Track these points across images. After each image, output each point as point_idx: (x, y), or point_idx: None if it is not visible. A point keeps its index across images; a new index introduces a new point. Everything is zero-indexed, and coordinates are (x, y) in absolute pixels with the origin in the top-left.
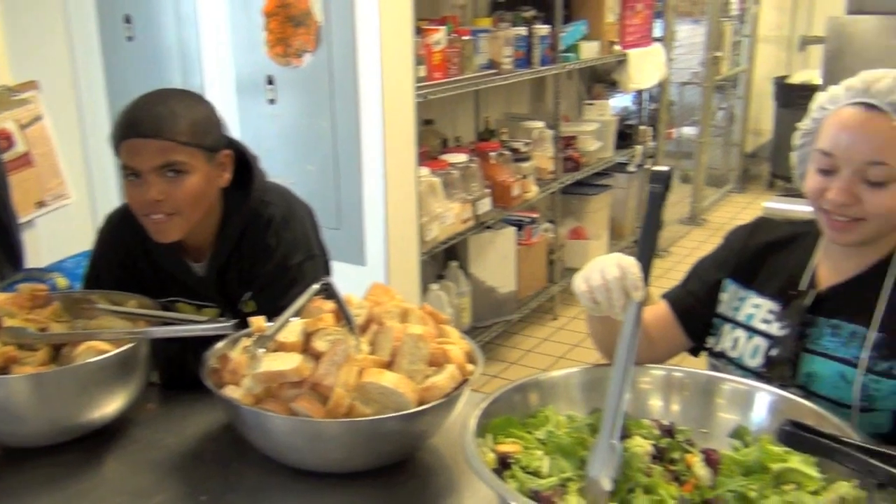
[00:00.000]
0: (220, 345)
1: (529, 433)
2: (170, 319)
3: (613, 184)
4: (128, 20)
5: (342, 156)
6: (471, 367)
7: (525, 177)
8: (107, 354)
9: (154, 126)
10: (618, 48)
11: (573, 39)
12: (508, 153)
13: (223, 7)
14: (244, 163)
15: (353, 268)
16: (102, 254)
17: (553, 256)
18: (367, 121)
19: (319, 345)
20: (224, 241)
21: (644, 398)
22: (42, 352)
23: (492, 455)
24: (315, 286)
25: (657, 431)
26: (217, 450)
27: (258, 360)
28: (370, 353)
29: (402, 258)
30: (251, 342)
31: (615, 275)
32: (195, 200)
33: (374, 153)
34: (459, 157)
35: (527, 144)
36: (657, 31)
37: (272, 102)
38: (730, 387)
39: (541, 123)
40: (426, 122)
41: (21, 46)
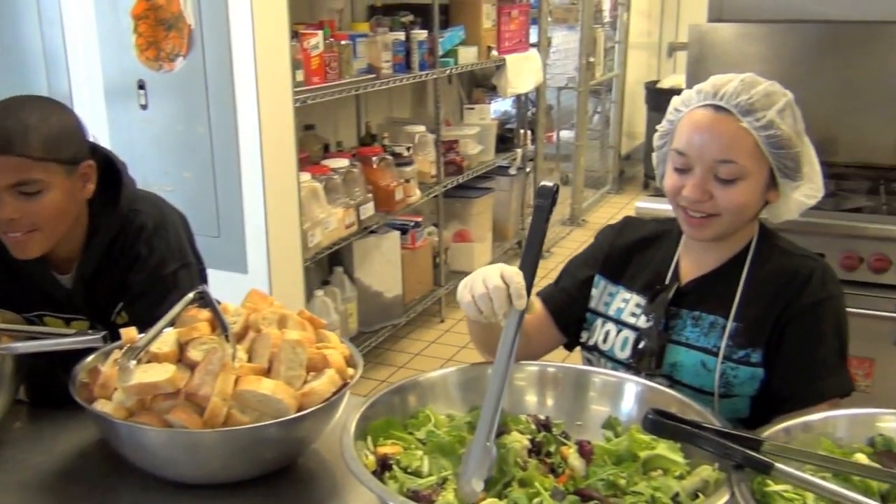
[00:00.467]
0: (91, 358)
1: (411, 434)
2: (36, 334)
3: (495, 186)
4: None
5: (219, 162)
6: (351, 371)
7: (408, 181)
8: None
9: (3, 142)
10: (495, 53)
11: (451, 45)
12: (391, 158)
13: (89, 9)
14: (112, 171)
15: (235, 276)
16: None
17: (438, 260)
18: (245, 126)
19: (194, 354)
20: (91, 252)
21: (520, 394)
22: None
23: (372, 457)
24: (190, 295)
25: (533, 426)
26: (90, 468)
27: (130, 372)
28: (248, 361)
29: (285, 265)
30: (122, 354)
31: (498, 284)
32: (54, 217)
33: (253, 159)
34: (341, 162)
35: (409, 149)
36: (533, 37)
37: (144, 108)
38: (600, 380)
39: (422, 128)
40: (307, 128)
41: None
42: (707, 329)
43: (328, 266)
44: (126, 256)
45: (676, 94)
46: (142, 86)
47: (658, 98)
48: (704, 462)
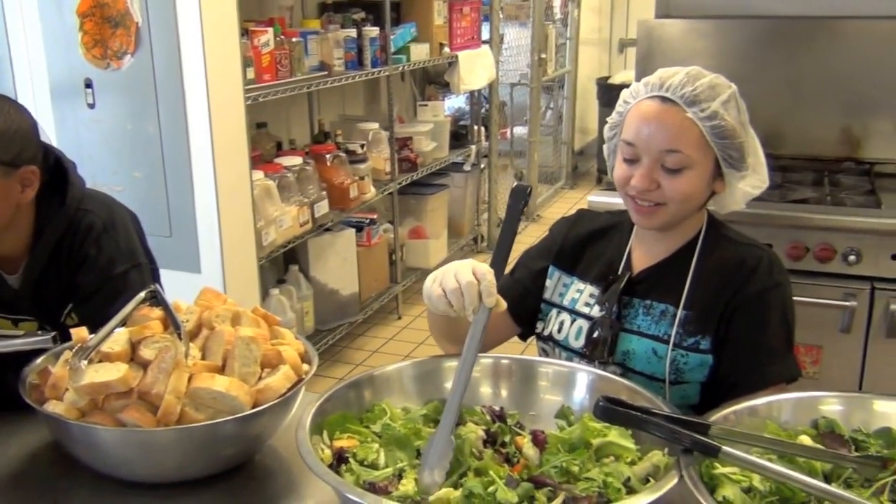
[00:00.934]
0: (41, 359)
1: (367, 427)
2: None
3: (450, 183)
4: None
5: (170, 161)
6: (306, 367)
7: (362, 178)
8: None
9: None
10: (447, 50)
11: (403, 41)
12: (344, 155)
13: (32, 8)
14: (60, 170)
15: (188, 276)
16: None
17: (394, 256)
18: (195, 124)
19: (146, 353)
20: (38, 252)
21: (475, 386)
22: None
23: (328, 451)
24: (141, 294)
25: (489, 417)
26: (43, 470)
27: (81, 372)
28: (201, 359)
29: (240, 264)
30: (73, 354)
31: (471, 280)
32: None
33: (204, 157)
34: (294, 160)
35: (363, 146)
36: (485, 34)
37: (92, 107)
38: (552, 370)
39: (376, 125)
40: (259, 126)
41: None
42: (658, 317)
43: (283, 265)
44: (75, 257)
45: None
46: (89, 84)
47: (609, 94)
48: (655, 447)
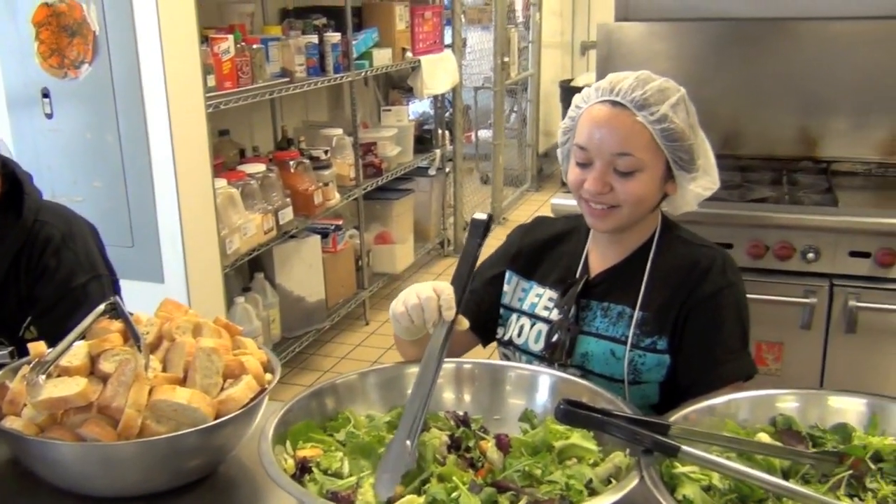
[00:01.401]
0: None
1: (331, 436)
2: None
3: (415, 188)
4: None
5: (131, 170)
6: (268, 377)
7: (326, 184)
8: None
9: None
10: (410, 55)
11: (365, 47)
12: (308, 161)
13: None
14: (15, 182)
15: (151, 286)
16: None
17: (360, 262)
18: (155, 133)
19: (106, 366)
20: None
21: (438, 391)
22: None
23: (291, 461)
24: (101, 307)
25: (452, 422)
26: (1, 488)
27: (39, 387)
28: (162, 371)
29: (204, 273)
30: (31, 369)
31: (430, 294)
32: None
33: (165, 166)
34: (258, 168)
35: (326, 152)
36: (448, 38)
37: (50, 117)
38: (515, 373)
39: (339, 131)
40: (221, 133)
41: None
42: (615, 319)
43: (249, 273)
44: (33, 269)
45: None
46: (46, 94)
47: (572, 96)
48: (616, 448)
